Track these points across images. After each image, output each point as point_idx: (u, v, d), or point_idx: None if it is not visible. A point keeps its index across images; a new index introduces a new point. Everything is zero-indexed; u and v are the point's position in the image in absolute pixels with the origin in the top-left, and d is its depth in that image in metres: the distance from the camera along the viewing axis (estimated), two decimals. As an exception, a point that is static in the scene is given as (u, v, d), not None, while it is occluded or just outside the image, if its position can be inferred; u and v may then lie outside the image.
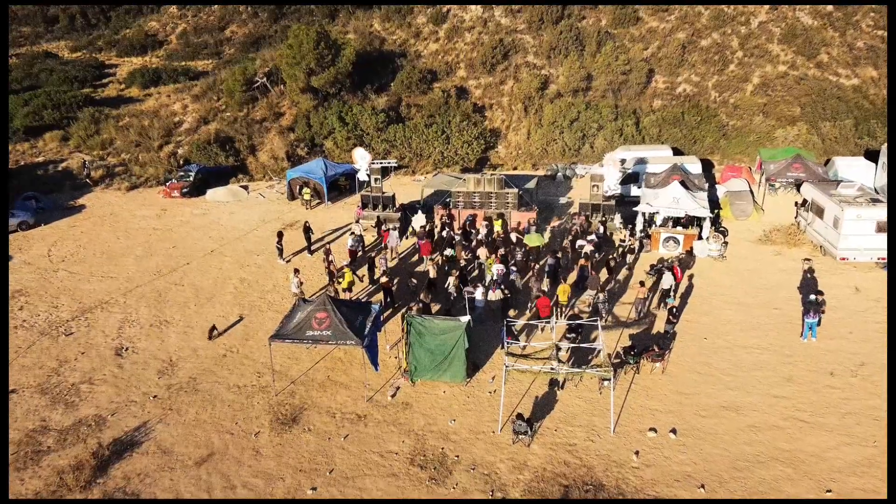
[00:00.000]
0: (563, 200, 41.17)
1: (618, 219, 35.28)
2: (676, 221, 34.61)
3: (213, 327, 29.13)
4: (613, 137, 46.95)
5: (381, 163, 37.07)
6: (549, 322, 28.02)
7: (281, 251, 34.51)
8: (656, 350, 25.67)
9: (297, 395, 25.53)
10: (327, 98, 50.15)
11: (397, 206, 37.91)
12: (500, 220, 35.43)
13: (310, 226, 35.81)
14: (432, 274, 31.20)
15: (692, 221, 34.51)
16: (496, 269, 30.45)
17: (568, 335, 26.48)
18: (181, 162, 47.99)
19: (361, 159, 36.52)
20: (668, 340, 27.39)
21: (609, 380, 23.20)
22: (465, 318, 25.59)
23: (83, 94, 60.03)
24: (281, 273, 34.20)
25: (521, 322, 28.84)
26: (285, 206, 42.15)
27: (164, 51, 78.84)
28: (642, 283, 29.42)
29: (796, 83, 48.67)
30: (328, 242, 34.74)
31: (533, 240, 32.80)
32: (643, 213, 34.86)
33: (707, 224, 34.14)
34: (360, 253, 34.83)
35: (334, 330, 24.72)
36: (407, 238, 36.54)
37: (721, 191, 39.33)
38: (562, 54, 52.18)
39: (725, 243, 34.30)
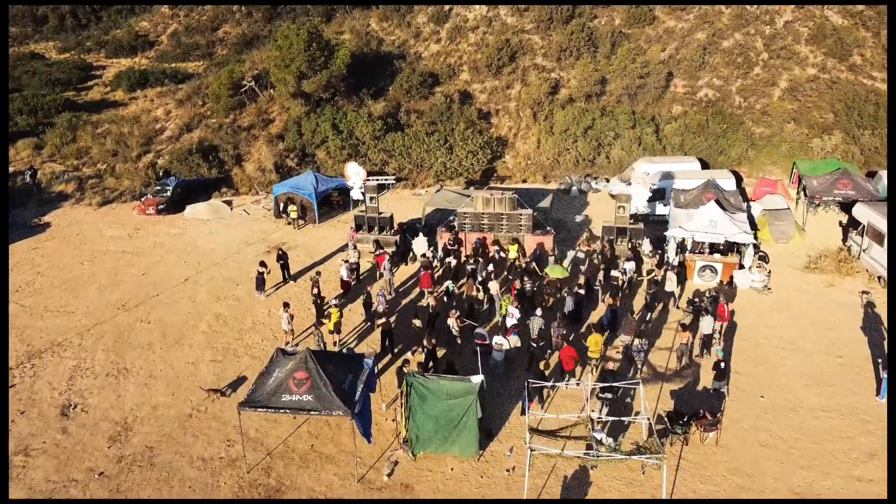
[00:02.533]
0: (579, 219, 35.90)
1: (647, 244, 29.96)
2: (713, 247, 29.37)
3: (218, 390, 23.72)
4: (631, 147, 41.68)
5: (377, 179, 31.75)
6: (574, 377, 22.88)
7: (262, 283, 29.23)
8: (709, 418, 20.44)
9: (273, 471, 20.42)
10: (320, 103, 44.82)
11: (395, 227, 32.53)
12: (515, 245, 30.13)
13: (285, 252, 30.54)
14: (432, 303, 26.03)
15: (731, 247, 29.27)
16: (511, 312, 25.20)
17: (600, 395, 21.24)
18: (160, 173, 42.65)
19: (355, 175, 31.25)
20: (719, 400, 22.17)
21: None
22: (478, 379, 20.41)
23: (63, 98, 54.66)
24: (262, 308, 28.95)
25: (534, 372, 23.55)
26: (271, 225, 36.84)
27: (154, 52, 73.43)
28: (684, 327, 24.19)
29: (829, 87, 43.38)
30: (317, 271, 29.31)
31: (555, 271, 27.52)
32: (675, 239, 29.57)
33: (750, 251, 28.89)
34: (353, 283, 29.57)
35: (317, 395, 19.57)
36: (407, 264, 31.24)
37: (756, 209, 34.02)
38: (573, 56, 46.87)
39: (769, 272, 29.11)
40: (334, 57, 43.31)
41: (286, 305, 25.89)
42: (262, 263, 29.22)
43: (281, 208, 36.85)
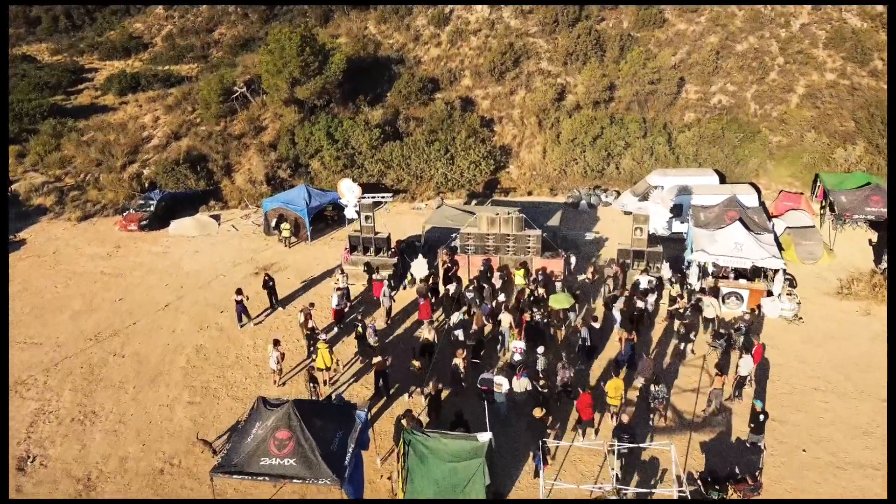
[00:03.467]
0: (589, 237, 32.97)
1: (666, 269, 27.05)
2: (738, 271, 26.51)
3: (209, 445, 20.78)
4: (643, 157, 38.76)
5: (372, 197, 28.82)
6: (593, 426, 20.05)
7: (242, 314, 26.36)
8: (749, 482, 17.56)
9: (252, 542, 17.50)
10: (314, 111, 41.89)
11: (393, 247, 29.63)
12: (521, 270, 27.23)
13: (271, 277, 27.63)
14: (428, 335, 23.19)
15: (758, 272, 26.39)
16: (515, 347, 22.35)
17: (618, 450, 18.38)
18: (145, 184, 39.73)
19: (349, 192, 28.33)
20: (756, 455, 19.29)
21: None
22: (485, 437, 17.58)
23: (49, 103, 51.69)
24: (248, 339, 26.08)
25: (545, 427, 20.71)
26: (261, 243, 33.90)
27: (148, 54, 70.42)
28: (720, 371, 21.25)
29: (849, 94, 40.44)
30: (310, 302, 26.33)
31: (560, 300, 24.59)
32: (698, 264, 26.67)
33: (780, 277, 25.99)
34: (346, 309, 26.69)
35: (301, 459, 16.76)
36: (405, 288, 28.37)
37: (780, 226, 31.08)
38: (579, 60, 43.91)
39: (799, 300, 26.25)
40: (329, 62, 40.35)
41: (276, 343, 23.04)
42: (239, 291, 26.28)
43: (273, 224, 33.88)
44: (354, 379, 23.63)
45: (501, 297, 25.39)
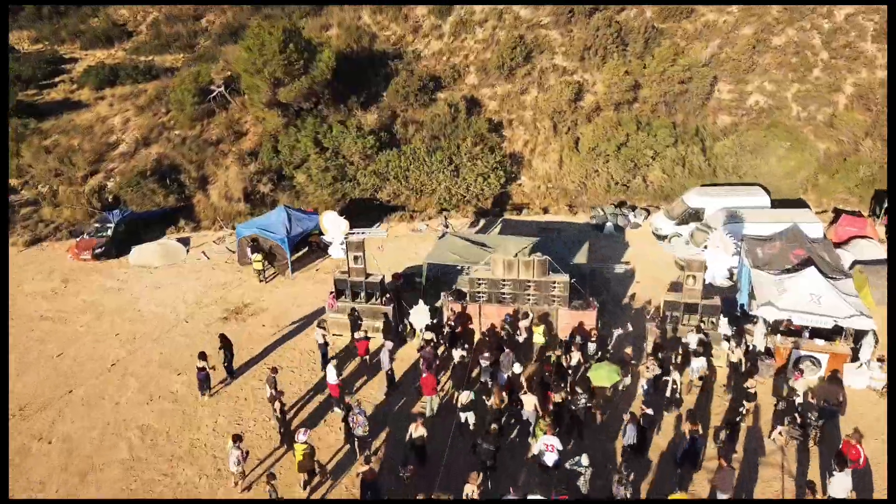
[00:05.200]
0: (619, 269, 27.01)
1: (725, 326, 21.05)
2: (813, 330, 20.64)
3: None
4: (674, 169, 32.71)
5: (363, 233, 22.81)
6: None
7: (206, 381, 20.46)
8: None
9: None
10: (300, 114, 35.64)
11: (389, 289, 23.65)
12: (541, 327, 21.28)
13: (227, 339, 21.63)
14: (417, 432, 17.33)
15: (838, 329, 20.48)
16: (547, 444, 16.51)
17: None
18: (108, 199, 33.67)
19: (333, 227, 22.29)
20: None
21: None
22: None
23: (14, 101, 45.23)
24: (207, 416, 20.23)
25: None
26: (234, 276, 27.95)
27: (132, 43, 63.58)
28: (810, 486, 15.45)
29: (907, 95, 34.18)
30: (273, 367, 20.45)
31: (601, 376, 18.65)
32: (765, 321, 20.73)
33: (870, 339, 20.08)
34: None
35: None
36: (405, 342, 22.29)
37: (846, 258, 25.08)
38: (598, 56, 37.54)
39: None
40: (317, 60, 34.03)
41: (237, 440, 17.16)
42: (203, 356, 20.32)
43: (250, 252, 27.84)
44: (333, 476, 17.81)
45: (517, 368, 19.40)
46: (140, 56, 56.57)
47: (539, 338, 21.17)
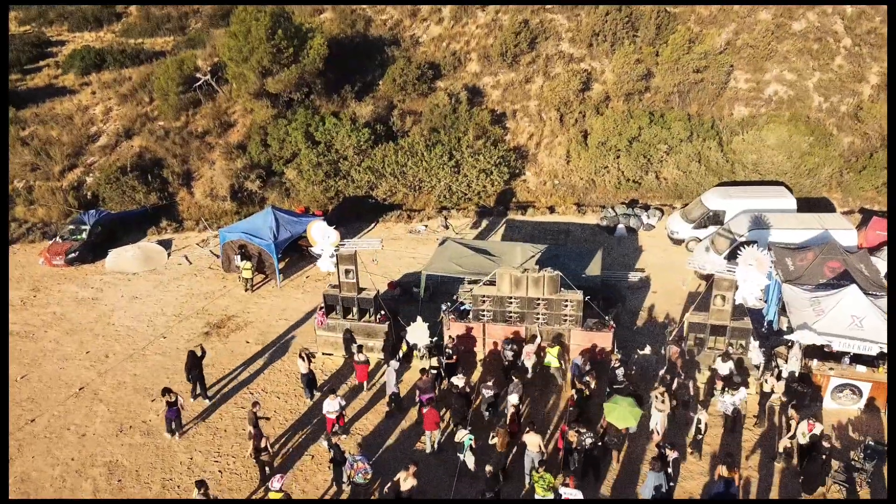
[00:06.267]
0: (633, 278, 24.67)
1: (756, 353, 18.76)
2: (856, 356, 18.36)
3: None
4: (689, 165, 30.24)
5: (356, 244, 20.42)
6: None
7: (175, 417, 18.16)
8: None
9: None
10: (291, 105, 33.06)
11: (383, 302, 21.28)
12: (556, 349, 19.00)
13: (196, 355, 19.36)
14: (405, 483, 15.12)
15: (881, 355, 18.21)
16: (566, 495, 14.31)
17: None
18: (87, 195, 31.24)
19: (323, 238, 19.87)
20: None
21: None
22: None
23: (-7, 88, 42.53)
24: (181, 451, 18.02)
25: None
26: (217, 284, 25.60)
27: (121, 25, 60.64)
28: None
29: (936, 85, 31.65)
30: (254, 401, 18.20)
31: (622, 415, 16.34)
32: (800, 344, 18.44)
33: (917, 368, 17.82)
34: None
35: None
36: (400, 363, 19.90)
37: (881, 266, 22.70)
38: (608, 42, 34.88)
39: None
40: (307, 47, 31.38)
41: (201, 486, 14.94)
42: (167, 391, 17.95)
43: (238, 259, 25.36)
44: (325, 532, 15.64)
45: (514, 399, 17.13)
46: (129, 39, 53.78)
47: (554, 360, 18.88)
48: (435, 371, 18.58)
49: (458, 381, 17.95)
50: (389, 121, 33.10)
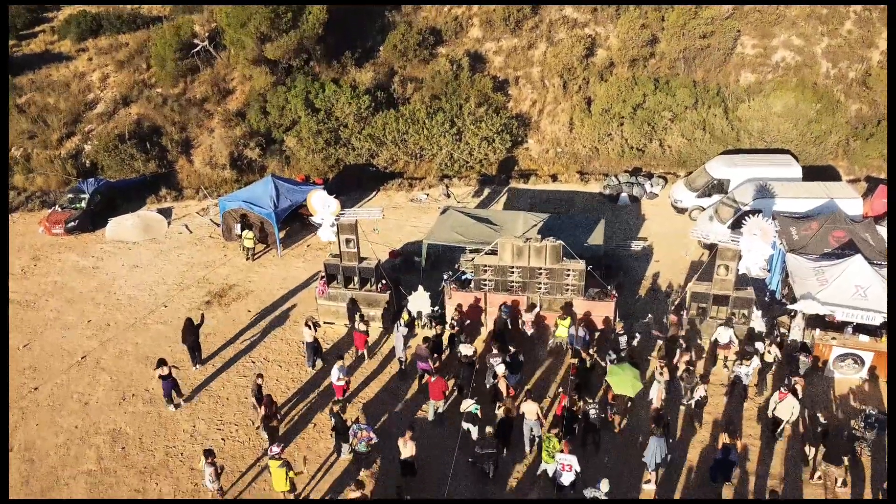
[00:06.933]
0: (635, 247, 24.58)
1: (758, 320, 18.77)
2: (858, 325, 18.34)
3: None
4: (694, 133, 29.92)
5: (356, 213, 20.30)
6: None
7: (173, 387, 18.24)
8: None
9: None
10: (290, 72, 32.64)
11: (385, 271, 21.23)
12: (567, 320, 18.94)
13: (193, 323, 19.39)
14: (406, 450, 15.27)
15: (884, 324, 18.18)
16: (563, 462, 14.43)
17: None
18: (86, 163, 31.04)
19: (323, 208, 19.74)
20: None
21: None
22: None
23: (-11, 54, 41.99)
24: (184, 418, 18.15)
25: None
26: (218, 253, 25.55)
27: (117, -12, 59.52)
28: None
29: (947, 51, 31.12)
30: (258, 373, 18.23)
31: (624, 383, 16.38)
32: (803, 314, 18.41)
33: (919, 338, 17.79)
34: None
35: None
36: (398, 331, 19.85)
37: (886, 235, 22.52)
38: (612, 6, 34.21)
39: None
40: (306, 13, 30.86)
41: (209, 454, 15.05)
42: (162, 363, 17.95)
43: (238, 228, 25.27)
44: (329, 494, 15.79)
45: (500, 369, 17.11)
46: (126, 4, 52.81)
47: (563, 331, 18.88)
48: (435, 340, 18.57)
49: (466, 349, 18.02)
50: (390, 87, 32.71)
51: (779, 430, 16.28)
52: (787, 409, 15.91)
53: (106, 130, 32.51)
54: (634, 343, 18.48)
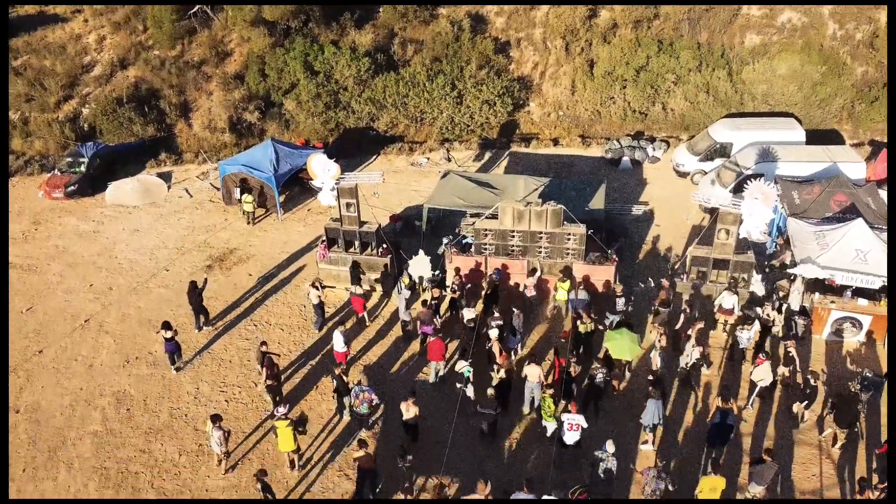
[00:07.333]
0: (636, 211, 24.57)
1: (758, 284, 18.87)
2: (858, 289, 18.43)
3: None
4: (697, 96, 29.65)
5: (356, 177, 20.26)
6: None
7: (175, 351, 18.43)
8: None
9: None
10: (289, 33, 32.23)
11: (386, 235, 21.27)
12: (567, 283, 19.05)
13: (197, 286, 19.49)
14: (408, 413, 15.52)
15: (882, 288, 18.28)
16: (571, 422, 14.66)
17: None
18: (84, 127, 30.88)
19: (323, 172, 19.69)
20: None
21: None
22: None
23: (-18, 16, 41.39)
24: (188, 381, 18.37)
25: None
26: (219, 217, 25.57)
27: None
28: (862, 484, 13.67)
29: (956, 12, 30.63)
30: (263, 341, 18.36)
31: (622, 348, 16.55)
32: (802, 278, 18.49)
33: (919, 302, 17.89)
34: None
35: None
36: (399, 293, 19.93)
37: (885, 198, 22.50)
38: (616, -34, 33.62)
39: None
40: (304, -29, 30.37)
41: (216, 420, 15.27)
42: (167, 325, 18.08)
43: (238, 192, 25.26)
44: (330, 453, 16.11)
45: (493, 333, 17.17)
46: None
47: (562, 294, 18.99)
48: (436, 302, 18.70)
49: (469, 313, 18.16)
50: (390, 50, 32.33)
51: (753, 394, 16.50)
52: (760, 373, 16.13)
53: (104, 94, 32.25)
54: (629, 308, 18.56)
